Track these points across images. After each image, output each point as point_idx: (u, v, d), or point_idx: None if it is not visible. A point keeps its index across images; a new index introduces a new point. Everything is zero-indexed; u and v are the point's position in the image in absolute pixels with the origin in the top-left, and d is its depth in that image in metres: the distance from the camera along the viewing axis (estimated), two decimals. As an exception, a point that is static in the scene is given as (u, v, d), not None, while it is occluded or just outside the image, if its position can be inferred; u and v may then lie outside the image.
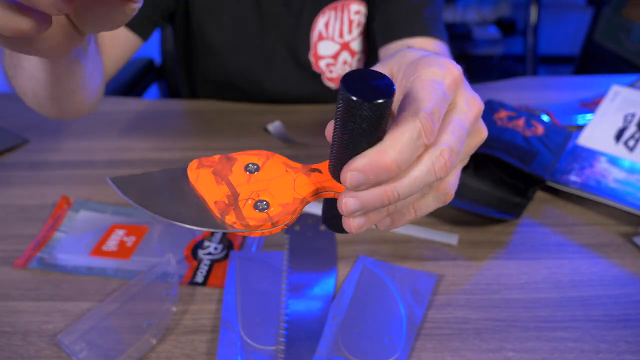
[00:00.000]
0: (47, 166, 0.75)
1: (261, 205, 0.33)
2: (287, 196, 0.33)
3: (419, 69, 0.34)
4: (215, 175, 0.34)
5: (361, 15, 0.85)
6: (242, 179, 0.34)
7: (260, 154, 0.35)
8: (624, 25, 1.82)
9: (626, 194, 0.63)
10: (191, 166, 0.34)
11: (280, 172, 0.34)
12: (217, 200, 0.33)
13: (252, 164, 0.34)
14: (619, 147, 0.70)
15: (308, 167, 0.35)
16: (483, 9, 2.70)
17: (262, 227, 0.32)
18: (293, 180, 0.34)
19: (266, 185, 0.34)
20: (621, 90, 0.74)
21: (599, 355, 0.47)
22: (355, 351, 0.46)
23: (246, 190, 0.33)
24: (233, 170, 0.34)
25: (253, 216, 0.32)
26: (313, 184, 0.34)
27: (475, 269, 0.56)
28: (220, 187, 0.33)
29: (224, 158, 0.35)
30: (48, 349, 0.48)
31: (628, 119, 0.71)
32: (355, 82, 0.28)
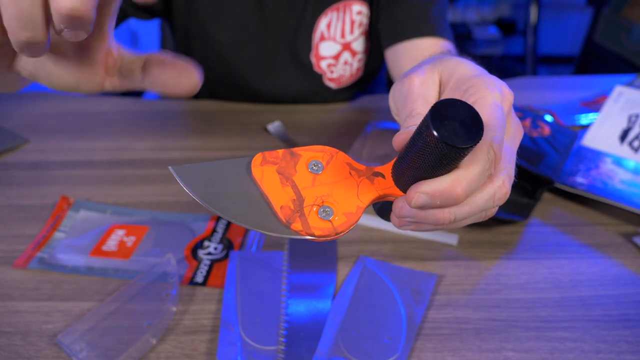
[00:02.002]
0: (47, 166, 0.75)
1: (326, 213, 0.33)
2: (351, 204, 0.34)
3: (480, 90, 0.35)
4: (280, 174, 0.34)
5: (363, 16, 0.85)
6: (307, 181, 0.34)
7: (324, 151, 0.35)
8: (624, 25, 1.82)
9: (632, 195, 0.63)
10: (255, 162, 0.34)
11: (344, 175, 0.34)
12: (283, 205, 0.33)
13: (315, 162, 0.34)
14: (624, 148, 0.70)
15: (371, 169, 0.35)
16: (483, 9, 2.70)
17: (326, 237, 0.33)
18: (357, 186, 0.34)
19: (330, 190, 0.34)
20: (625, 91, 0.74)
21: (599, 355, 0.47)
22: (355, 351, 0.46)
23: (311, 194, 0.33)
24: (297, 169, 0.34)
25: (318, 226, 0.33)
26: (376, 191, 0.34)
27: (475, 269, 0.56)
28: (285, 189, 0.33)
29: (287, 154, 0.34)
30: (48, 349, 0.48)
31: (632, 119, 0.71)
32: (443, 118, 0.28)
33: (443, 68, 0.38)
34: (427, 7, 0.78)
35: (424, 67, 0.39)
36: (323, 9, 0.83)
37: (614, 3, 1.87)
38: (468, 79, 0.36)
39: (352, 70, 0.89)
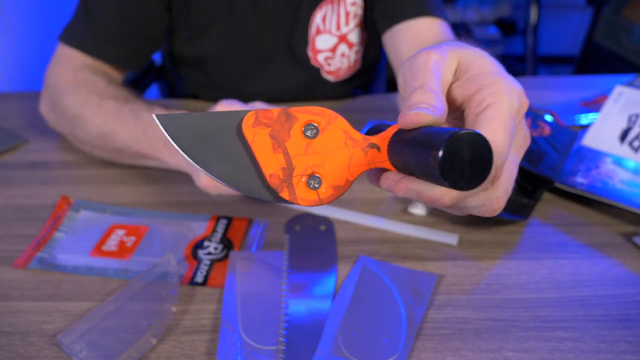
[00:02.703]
0: (47, 166, 0.75)
1: (313, 183, 0.33)
2: (341, 176, 0.33)
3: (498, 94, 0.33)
4: (272, 139, 0.32)
5: (357, 7, 0.85)
6: (300, 148, 0.33)
7: (322, 114, 0.33)
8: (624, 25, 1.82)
9: (632, 195, 0.63)
10: (247, 122, 0.32)
11: (339, 144, 0.33)
12: (272, 174, 0.32)
13: (311, 126, 0.33)
14: (624, 148, 0.70)
15: (368, 140, 0.33)
16: (483, 9, 2.70)
17: (310, 206, 0.33)
18: (350, 157, 0.33)
19: (322, 160, 0.33)
20: (625, 91, 0.74)
21: (599, 355, 0.47)
22: (355, 351, 0.46)
23: (302, 163, 0.33)
24: (291, 134, 0.33)
25: (305, 196, 0.33)
26: (367, 164, 0.33)
27: (475, 269, 0.56)
28: (276, 155, 0.32)
29: (283, 115, 0.33)
30: (48, 349, 0.48)
31: (632, 119, 0.71)
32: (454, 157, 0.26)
33: (464, 56, 0.37)
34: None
35: (444, 47, 0.37)
36: (318, 3, 0.83)
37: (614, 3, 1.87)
38: (487, 76, 0.35)
39: (349, 62, 0.89)
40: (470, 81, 0.35)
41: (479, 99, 0.34)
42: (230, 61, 0.89)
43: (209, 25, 0.85)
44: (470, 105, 0.34)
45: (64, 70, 0.76)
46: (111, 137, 0.68)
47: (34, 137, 0.82)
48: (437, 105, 0.32)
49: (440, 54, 0.36)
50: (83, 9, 0.78)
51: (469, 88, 0.35)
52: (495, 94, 0.33)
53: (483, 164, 0.27)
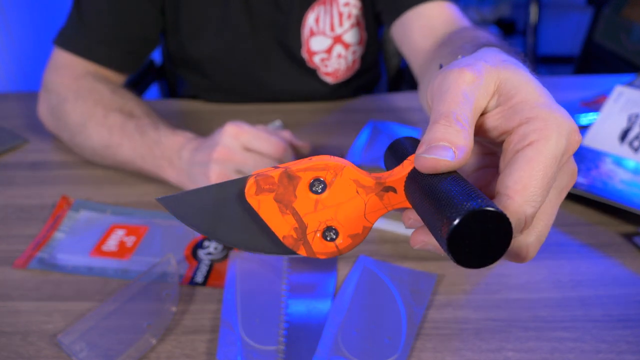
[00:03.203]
0: (47, 166, 0.75)
1: (330, 235, 0.31)
2: (357, 225, 0.31)
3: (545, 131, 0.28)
4: (278, 202, 0.31)
5: (351, 7, 0.84)
6: (309, 206, 0.31)
7: (327, 168, 0.30)
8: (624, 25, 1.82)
9: (632, 195, 0.63)
10: (249, 192, 0.31)
11: (350, 195, 0.31)
12: (285, 235, 0.31)
13: (317, 181, 0.30)
14: (624, 148, 0.70)
15: (381, 184, 0.31)
16: (483, 9, 2.70)
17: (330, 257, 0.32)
18: (364, 205, 0.31)
19: (335, 213, 0.31)
20: (625, 91, 0.74)
21: (599, 355, 0.47)
22: (355, 351, 0.46)
23: (314, 220, 0.31)
24: (297, 194, 0.31)
25: (322, 250, 0.31)
26: (385, 208, 0.31)
27: (475, 269, 0.56)
28: (286, 217, 0.31)
29: (284, 178, 0.30)
30: (48, 349, 0.48)
31: (632, 119, 0.71)
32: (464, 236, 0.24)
33: (505, 78, 0.31)
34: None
35: (480, 63, 0.31)
36: (310, 4, 0.83)
37: (614, 3, 1.87)
38: (534, 107, 0.30)
39: (347, 63, 0.89)
40: (514, 112, 0.30)
41: (522, 134, 0.29)
42: (227, 63, 0.88)
43: (202, 28, 0.85)
44: (511, 139, 0.30)
45: (65, 77, 0.76)
46: (114, 150, 0.69)
47: (34, 137, 0.82)
48: (461, 146, 0.28)
49: (476, 74, 0.31)
50: (76, 12, 0.79)
51: (512, 120, 0.30)
52: (541, 131, 0.28)
53: (499, 245, 0.25)
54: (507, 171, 0.29)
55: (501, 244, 0.25)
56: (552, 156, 0.28)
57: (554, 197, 0.31)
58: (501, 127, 0.31)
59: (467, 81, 0.30)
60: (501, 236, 0.25)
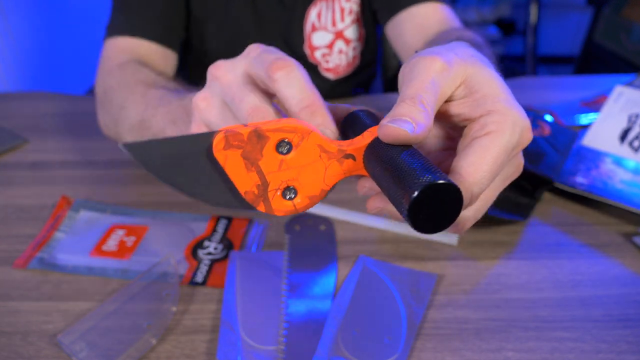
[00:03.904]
0: (47, 166, 0.75)
1: (289, 194, 0.33)
2: (316, 187, 0.33)
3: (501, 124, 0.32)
4: (244, 159, 0.32)
5: (352, 3, 0.85)
6: (273, 165, 0.32)
7: (295, 131, 0.32)
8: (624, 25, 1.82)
9: (632, 195, 0.63)
10: (217, 146, 0.32)
11: (313, 158, 0.33)
12: (247, 191, 0.32)
13: (284, 142, 0.32)
14: (624, 148, 0.70)
15: (343, 151, 0.33)
16: (483, 9, 2.70)
17: (286, 215, 0.34)
18: (324, 169, 0.33)
19: (297, 174, 0.33)
20: (625, 91, 0.74)
21: (599, 355, 0.47)
22: (355, 351, 0.46)
23: (276, 179, 0.33)
24: (264, 153, 0.32)
25: (280, 208, 0.33)
26: (343, 174, 0.33)
27: (475, 269, 0.56)
28: (250, 174, 0.32)
29: (253, 136, 0.32)
30: (48, 349, 0.48)
31: (632, 119, 0.71)
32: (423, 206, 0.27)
33: (473, 73, 0.34)
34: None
35: (451, 55, 0.34)
36: (312, 0, 0.83)
37: (614, 3, 1.87)
38: (496, 102, 0.33)
39: (348, 58, 0.89)
40: (478, 104, 0.33)
41: (482, 124, 0.33)
42: (231, 56, 0.89)
43: (206, 21, 0.85)
44: (472, 126, 0.33)
45: (110, 69, 0.73)
46: (148, 123, 0.61)
47: (34, 137, 0.82)
48: (421, 123, 0.31)
49: (446, 64, 0.33)
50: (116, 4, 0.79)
51: (475, 110, 0.33)
52: (498, 124, 0.32)
53: (450, 215, 0.28)
54: (463, 154, 0.32)
55: (453, 213, 0.28)
56: (504, 148, 0.32)
57: (498, 183, 0.35)
58: (464, 114, 0.34)
59: (436, 69, 0.33)
60: (454, 206, 0.28)
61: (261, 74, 0.38)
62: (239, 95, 0.39)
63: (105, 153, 0.77)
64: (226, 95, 0.40)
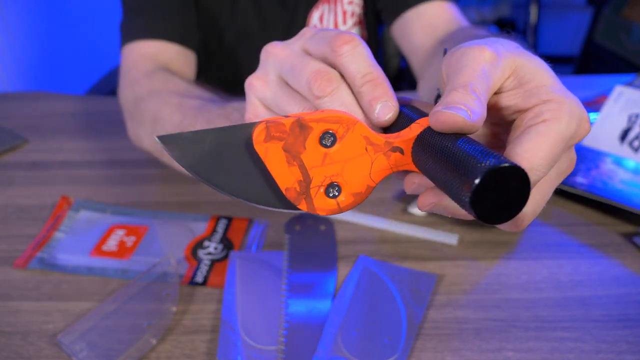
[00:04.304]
0: (47, 166, 0.75)
1: (332, 191, 0.31)
2: (361, 183, 0.31)
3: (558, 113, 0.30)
4: (286, 152, 0.30)
5: (355, 5, 0.85)
6: (317, 159, 0.30)
7: (340, 122, 0.30)
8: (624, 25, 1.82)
9: (632, 195, 0.63)
10: (257, 137, 0.30)
11: (359, 151, 0.31)
12: (288, 187, 0.31)
13: (329, 134, 0.30)
14: (624, 148, 0.70)
15: (390, 143, 0.31)
16: (483, 9, 2.70)
17: (329, 214, 0.32)
18: (371, 163, 0.31)
19: (341, 169, 0.31)
20: (625, 91, 0.74)
21: (599, 355, 0.47)
22: (355, 351, 0.46)
23: (319, 174, 0.31)
24: (307, 145, 0.30)
25: (323, 207, 0.31)
26: (390, 169, 0.31)
27: (475, 269, 0.56)
28: (291, 169, 0.30)
29: (296, 126, 0.30)
30: (48, 349, 0.48)
31: (632, 119, 0.71)
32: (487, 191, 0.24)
33: (522, 64, 0.32)
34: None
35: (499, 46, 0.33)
36: (314, 2, 0.83)
37: (614, 3, 1.87)
38: (549, 91, 0.31)
39: None
40: (531, 94, 0.32)
41: (537, 112, 0.31)
42: (236, 59, 0.89)
43: (213, 23, 0.85)
44: (525, 115, 0.32)
45: (137, 78, 0.70)
46: None
47: (34, 137, 0.82)
48: (476, 111, 0.29)
49: (495, 54, 0.32)
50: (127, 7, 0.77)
51: (529, 101, 0.32)
52: (555, 111, 0.30)
53: (517, 202, 0.25)
54: (517, 141, 0.30)
55: (520, 199, 0.25)
56: (561, 135, 0.30)
57: (553, 176, 0.33)
58: (516, 106, 0.32)
59: (486, 59, 0.31)
60: (520, 191, 0.25)
61: (324, 49, 0.36)
62: (300, 61, 0.37)
63: (105, 153, 0.77)
64: (284, 66, 0.39)
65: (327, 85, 0.35)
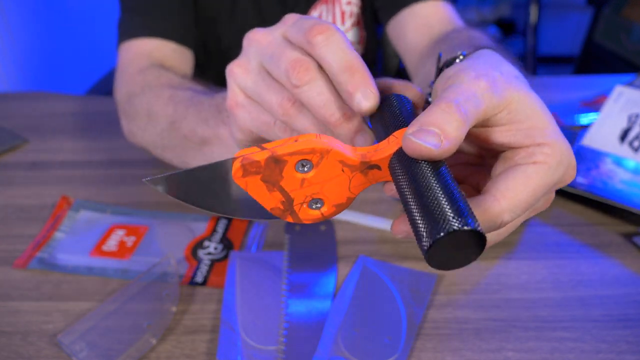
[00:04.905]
0: (47, 166, 0.75)
1: (315, 205, 0.33)
2: (341, 197, 0.33)
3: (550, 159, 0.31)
4: (265, 182, 0.32)
5: (353, 5, 0.85)
6: (295, 184, 0.32)
7: (314, 151, 0.31)
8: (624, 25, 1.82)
9: (632, 195, 0.63)
10: (236, 174, 0.31)
11: (335, 173, 0.32)
12: (273, 207, 0.33)
13: (304, 162, 0.31)
14: (624, 148, 0.70)
15: (366, 163, 0.32)
16: (483, 9, 2.70)
17: (314, 222, 0.34)
18: (349, 181, 0.32)
19: (320, 188, 0.32)
20: (625, 91, 0.74)
21: (599, 355, 0.47)
22: (355, 351, 0.46)
23: (300, 195, 0.32)
24: (284, 175, 0.31)
25: (308, 217, 0.33)
26: (369, 182, 0.33)
27: (475, 269, 0.56)
28: (273, 194, 0.32)
29: (271, 161, 0.31)
30: (48, 349, 0.48)
31: (632, 119, 0.71)
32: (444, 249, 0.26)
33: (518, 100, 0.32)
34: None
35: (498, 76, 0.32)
36: (312, 2, 0.83)
37: (614, 3, 1.87)
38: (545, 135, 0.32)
39: None
40: (526, 135, 0.32)
41: (530, 152, 0.31)
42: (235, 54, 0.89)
43: (211, 22, 0.85)
44: (517, 152, 0.32)
45: (129, 74, 0.71)
46: (178, 124, 0.59)
47: (34, 137, 0.82)
48: (451, 136, 0.28)
49: (490, 84, 0.31)
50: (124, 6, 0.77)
51: (523, 141, 0.32)
52: (547, 155, 0.31)
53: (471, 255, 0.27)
54: (502, 176, 0.31)
55: (474, 254, 0.27)
56: (547, 181, 0.31)
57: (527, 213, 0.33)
58: (509, 144, 0.32)
59: (481, 87, 0.31)
60: (476, 249, 0.26)
61: (300, 39, 0.37)
62: (279, 49, 0.38)
63: (105, 153, 0.77)
64: (264, 54, 0.39)
65: (304, 75, 0.36)
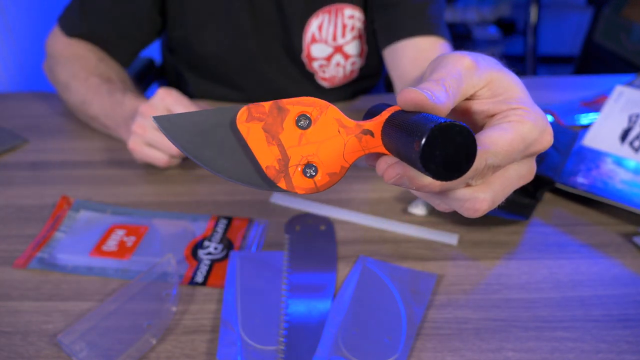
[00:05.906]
0: (47, 166, 0.75)
1: (310, 172, 0.34)
2: (336, 164, 0.34)
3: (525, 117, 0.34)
4: (266, 132, 0.33)
5: (355, 20, 0.85)
6: (293, 139, 0.33)
7: (314, 105, 0.33)
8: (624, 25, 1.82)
9: (633, 195, 0.63)
10: (240, 118, 0.33)
11: (332, 133, 0.34)
12: (268, 165, 0.34)
13: (304, 117, 0.33)
14: (625, 148, 0.70)
15: (361, 127, 0.34)
16: (483, 9, 2.70)
17: (307, 193, 0.34)
18: (343, 144, 0.34)
19: (316, 149, 0.34)
20: (625, 91, 0.74)
21: (599, 355, 0.47)
22: (355, 351, 0.46)
23: (296, 154, 0.34)
24: (284, 126, 0.33)
25: (301, 185, 0.34)
26: (362, 151, 0.34)
27: (475, 269, 0.56)
28: (271, 148, 0.33)
29: (275, 108, 0.33)
30: (48, 349, 0.48)
31: (633, 119, 0.71)
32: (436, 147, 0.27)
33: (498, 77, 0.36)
34: (424, 7, 0.77)
35: (480, 59, 0.36)
36: (314, 10, 0.83)
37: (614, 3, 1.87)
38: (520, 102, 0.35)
39: (345, 72, 0.89)
40: (503, 102, 0.35)
41: (504, 115, 0.35)
42: (229, 59, 0.89)
43: (205, 24, 0.85)
44: (494, 117, 0.35)
45: (60, 42, 0.86)
46: (87, 106, 0.79)
47: (34, 137, 0.82)
48: (442, 98, 0.32)
49: (474, 63, 0.35)
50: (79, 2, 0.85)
51: (499, 107, 0.35)
52: (521, 116, 0.34)
53: (465, 157, 0.28)
54: (482, 132, 0.33)
55: (467, 155, 0.27)
56: (522, 136, 0.33)
57: (513, 177, 0.35)
58: (488, 111, 0.36)
59: (465, 65, 0.35)
60: (467, 148, 0.27)
61: None
62: None
63: (105, 153, 0.77)
64: None
65: None
